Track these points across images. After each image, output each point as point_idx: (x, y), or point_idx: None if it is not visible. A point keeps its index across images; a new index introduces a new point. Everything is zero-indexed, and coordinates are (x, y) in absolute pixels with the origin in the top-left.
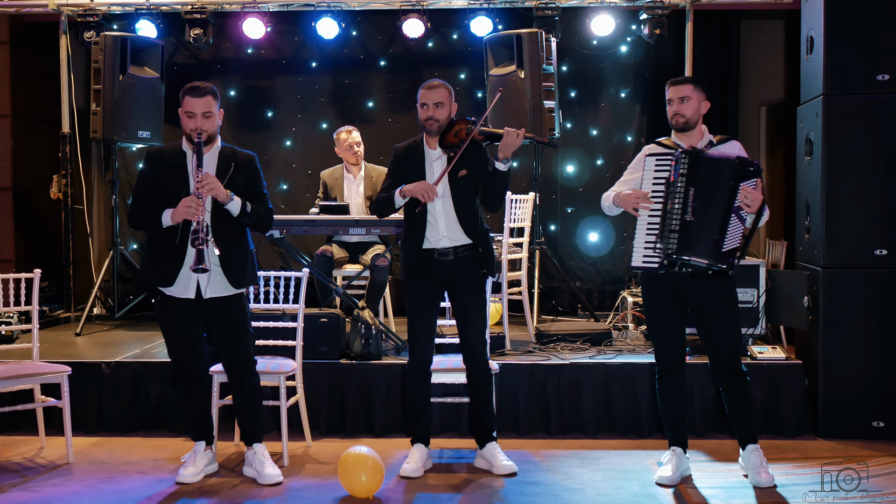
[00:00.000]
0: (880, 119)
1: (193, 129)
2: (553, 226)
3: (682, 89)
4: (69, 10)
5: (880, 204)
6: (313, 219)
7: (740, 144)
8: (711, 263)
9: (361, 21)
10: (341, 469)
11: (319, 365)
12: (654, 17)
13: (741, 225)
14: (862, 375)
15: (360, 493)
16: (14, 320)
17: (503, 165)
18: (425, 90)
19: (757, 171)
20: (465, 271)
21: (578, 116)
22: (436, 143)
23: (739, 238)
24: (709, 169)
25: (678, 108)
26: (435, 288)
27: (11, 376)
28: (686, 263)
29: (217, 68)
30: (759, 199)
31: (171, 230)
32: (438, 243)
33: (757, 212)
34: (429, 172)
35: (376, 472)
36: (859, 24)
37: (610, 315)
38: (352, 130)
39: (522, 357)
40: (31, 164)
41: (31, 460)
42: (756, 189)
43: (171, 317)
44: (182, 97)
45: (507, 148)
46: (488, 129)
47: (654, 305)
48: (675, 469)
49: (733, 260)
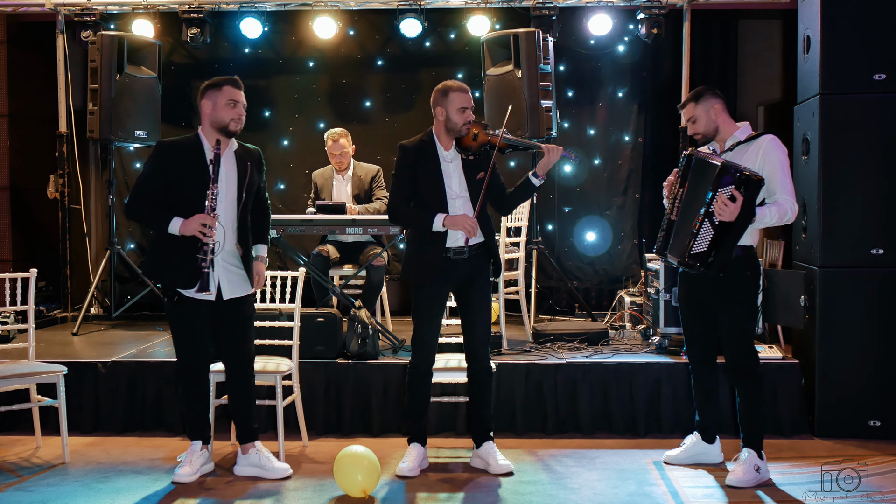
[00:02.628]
0: (877, 118)
1: (236, 118)
2: (550, 225)
3: (686, 111)
4: (66, 9)
5: (877, 203)
6: (310, 218)
7: (772, 138)
8: (681, 263)
9: (359, 21)
10: (337, 468)
11: (316, 364)
12: (652, 17)
13: (711, 230)
14: (859, 375)
15: (355, 492)
16: (10, 320)
17: (539, 182)
18: (463, 94)
19: (738, 181)
20: (477, 269)
21: (576, 116)
22: (450, 144)
23: (707, 243)
24: (696, 171)
25: (692, 130)
26: (445, 289)
27: (7, 376)
28: (668, 262)
29: (214, 68)
30: (729, 210)
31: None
32: (456, 243)
33: (735, 221)
34: (445, 174)
35: (372, 471)
36: (856, 23)
37: (607, 315)
38: (338, 138)
39: (519, 356)
40: (28, 163)
41: (26, 460)
42: (733, 200)
43: (188, 317)
44: (219, 86)
45: (547, 166)
46: (514, 140)
47: (680, 298)
48: (684, 451)
49: (700, 264)
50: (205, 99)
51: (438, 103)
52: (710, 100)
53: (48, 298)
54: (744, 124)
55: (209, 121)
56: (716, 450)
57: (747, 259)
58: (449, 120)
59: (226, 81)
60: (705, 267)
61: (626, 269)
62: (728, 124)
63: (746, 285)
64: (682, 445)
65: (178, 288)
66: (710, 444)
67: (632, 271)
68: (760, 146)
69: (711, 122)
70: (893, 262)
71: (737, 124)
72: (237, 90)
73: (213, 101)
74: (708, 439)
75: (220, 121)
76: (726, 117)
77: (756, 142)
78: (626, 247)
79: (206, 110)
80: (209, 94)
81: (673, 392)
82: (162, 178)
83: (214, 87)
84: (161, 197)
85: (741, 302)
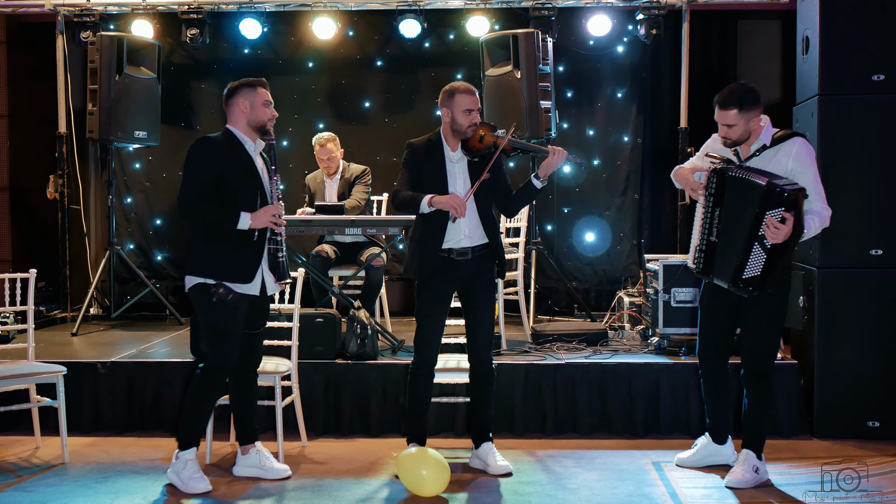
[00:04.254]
0: (876, 119)
1: (272, 118)
2: (550, 226)
3: (727, 116)
4: (66, 10)
5: (876, 204)
6: (309, 219)
7: (803, 142)
8: (732, 287)
9: (358, 21)
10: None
11: (315, 365)
12: (651, 18)
13: (763, 254)
14: (857, 375)
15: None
16: (10, 320)
17: (541, 184)
18: (469, 95)
19: (787, 202)
20: (481, 270)
21: (575, 117)
22: (457, 145)
23: (760, 267)
24: (734, 191)
25: (725, 133)
26: (449, 289)
27: (7, 376)
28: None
29: (213, 69)
30: (782, 233)
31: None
32: (459, 243)
33: (787, 242)
34: (450, 173)
35: (442, 470)
36: (855, 24)
37: (606, 315)
38: (325, 143)
39: (518, 357)
40: (28, 164)
41: (26, 460)
42: (783, 223)
43: (232, 315)
44: (254, 87)
45: (549, 168)
46: (520, 143)
47: (703, 295)
48: (695, 453)
49: (754, 288)
50: (240, 98)
51: (444, 104)
52: (753, 110)
53: (48, 299)
54: (766, 121)
55: (246, 119)
56: (728, 450)
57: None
58: (454, 121)
59: (259, 83)
60: (759, 290)
61: (625, 270)
62: (758, 128)
63: (779, 290)
64: (693, 447)
65: (236, 282)
66: (721, 446)
67: (631, 272)
68: (791, 151)
69: (747, 132)
70: (892, 263)
71: (760, 121)
72: (268, 91)
73: (251, 101)
74: (720, 440)
75: (259, 120)
76: (759, 123)
77: (784, 146)
78: (626, 247)
79: (242, 109)
80: (245, 94)
81: (672, 393)
82: (209, 174)
83: (249, 87)
84: (211, 193)
85: (771, 307)
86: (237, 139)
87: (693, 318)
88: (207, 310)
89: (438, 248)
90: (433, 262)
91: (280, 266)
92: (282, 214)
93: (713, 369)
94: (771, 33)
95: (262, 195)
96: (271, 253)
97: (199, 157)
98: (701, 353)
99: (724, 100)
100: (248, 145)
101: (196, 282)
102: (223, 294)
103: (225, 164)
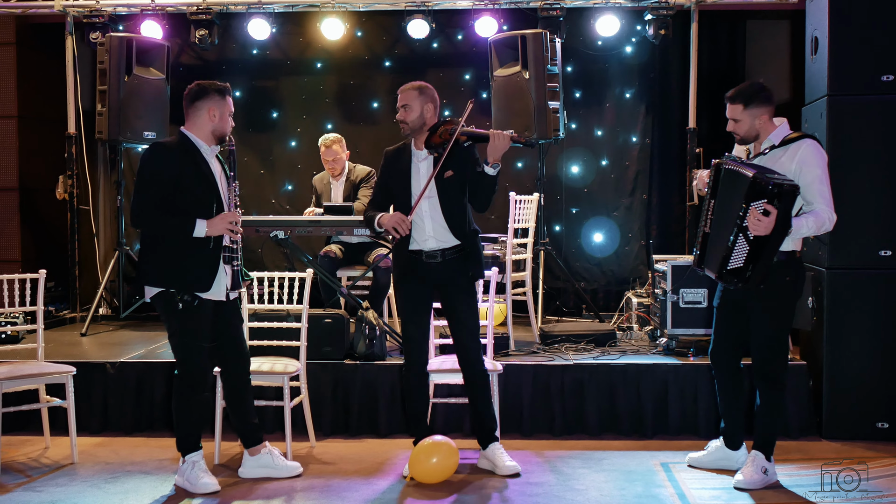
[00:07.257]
0: (885, 120)
1: (231, 128)
2: (558, 226)
3: (732, 110)
4: (75, 11)
5: (885, 205)
6: (318, 219)
7: (810, 144)
8: (718, 279)
9: (366, 22)
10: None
11: (324, 365)
12: (659, 18)
13: (746, 245)
14: (866, 376)
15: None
16: (20, 320)
17: (492, 170)
18: (400, 94)
19: (771, 194)
20: (454, 274)
21: (583, 117)
22: (422, 144)
23: (743, 259)
24: (726, 182)
25: (732, 128)
26: (424, 289)
27: (16, 376)
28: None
29: (222, 69)
30: (763, 225)
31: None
32: (425, 244)
33: (771, 234)
34: (414, 173)
35: (451, 454)
36: (864, 24)
37: (614, 316)
38: (331, 144)
39: (526, 357)
40: (37, 164)
41: (35, 460)
42: (766, 215)
43: (198, 321)
44: (223, 96)
45: (496, 151)
46: (472, 131)
47: (717, 299)
48: (706, 455)
49: (738, 280)
50: (210, 105)
51: None
52: (760, 108)
53: (57, 299)
54: (782, 123)
55: (212, 127)
56: (741, 456)
57: (789, 265)
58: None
59: (228, 91)
60: (743, 283)
61: (633, 270)
62: (769, 127)
63: (784, 291)
64: (706, 448)
65: (196, 291)
66: (734, 451)
67: (639, 272)
68: (797, 152)
69: (754, 129)
70: None
71: (775, 123)
72: (231, 100)
73: (220, 111)
74: (732, 446)
75: (223, 131)
76: (769, 122)
77: (792, 147)
78: (634, 248)
79: (210, 117)
80: (216, 102)
81: (680, 393)
82: (164, 181)
83: (220, 96)
84: (166, 201)
85: (775, 308)
86: (193, 144)
87: (701, 319)
88: (173, 317)
89: (406, 249)
90: (403, 263)
91: (235, 275)
92: (238, 222)
93: (725, 370)
94: (780, 33)
95: (219, 202)
96: (225, 261)
97: (153, 164)
98: (711, 353)
99: (733, 94)
100: (204, 150)
101: (156, 291)
102: (189, 301)
103: (180, 171)
